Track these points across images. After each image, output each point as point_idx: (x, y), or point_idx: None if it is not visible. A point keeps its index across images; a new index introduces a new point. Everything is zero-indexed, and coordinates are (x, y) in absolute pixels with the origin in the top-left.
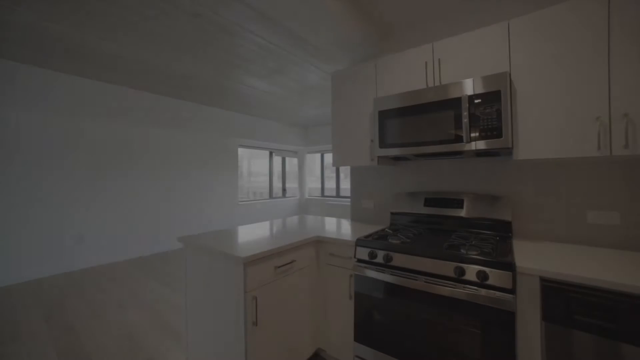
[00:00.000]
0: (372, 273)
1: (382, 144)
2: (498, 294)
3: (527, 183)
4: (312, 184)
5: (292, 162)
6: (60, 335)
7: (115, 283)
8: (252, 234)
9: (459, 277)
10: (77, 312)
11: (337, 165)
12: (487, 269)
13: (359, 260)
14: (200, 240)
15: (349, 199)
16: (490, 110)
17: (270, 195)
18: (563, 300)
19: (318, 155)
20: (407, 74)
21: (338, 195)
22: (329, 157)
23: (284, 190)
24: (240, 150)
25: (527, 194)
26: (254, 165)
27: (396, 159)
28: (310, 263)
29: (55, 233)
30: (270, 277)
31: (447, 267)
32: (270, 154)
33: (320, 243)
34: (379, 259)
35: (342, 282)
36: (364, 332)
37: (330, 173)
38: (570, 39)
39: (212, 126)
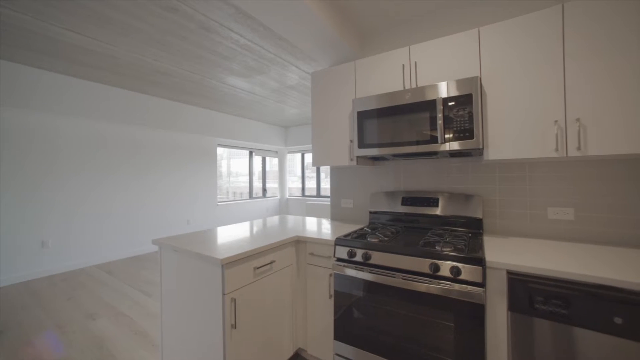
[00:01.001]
0: (351, 272)
1: (361, 144)
2: (469, 288)
3: (496, 182)
4: (293, 183)
5: (272, 162)
6: (14, 353)
7: (84, 290)
8: (231, 235)
9: (434, 273)
10: (38, 324)
11: (316, 165)
12: (459, 265)
13: (339, 260)
14: (176, 242)
15: (329, 199)
16: (463, 113)
17: (251, 196)
18: (525, 291)
19: (299, 155)
20: (385, 76)
21: (319, 195)
22: (309, 157)
23: (264, 190)
24: (220, 150)
25: (496, 192)
26: (234, 165)
27: (375, 159)
28: (290, 263)
29: (14, 238)
30: (250, 278)
31: (422, 264)
32: (251, 153)
33: (300, 243)
34: (358, 257)
35: (321, 281)
36: (344, 330)
37: (311, 173)
38: (532, 48)
39: (190, 125)
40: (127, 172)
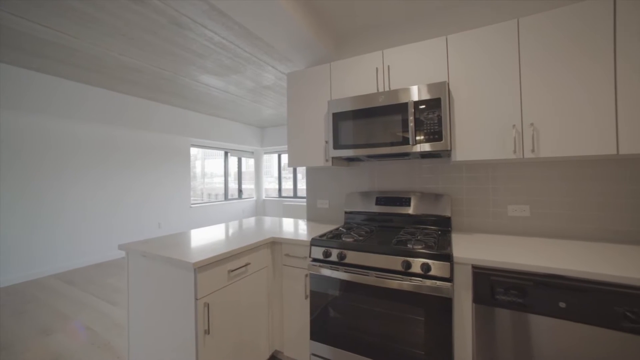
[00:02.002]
0: (326, 271)
1: (336, 145)
2: (439, 283)
3: (463, 182)
4: (270, 184)
5: (248, 163)
6: None
7: (38, 304)
8: (205, 238)
9: (406, 270)
10: None
11: (292, 165)
12: (429, 261)
13: (314, 260)
14: (145, 247)
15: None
16: (433, 116)
17: (226, 197)
18: (488, 283)
19: (275, 156)
20: (359, 78)
21: (296, 196)
22: (286, 158)
23: (240, 191)
24: (194, 150)
25: (463, 192)
26: (209, 166)
27: (350, 159)
28: (265, 265)
29: None
30: (224, 282)
31: (395, 262)
32: (226, 154)
33: (275, 244)
34: (333, 257)
35: (297, 282)
36: (320, 329)
37: (287, 174)
38: (493, 57)
39: (162, 124)
40: (91, 174)
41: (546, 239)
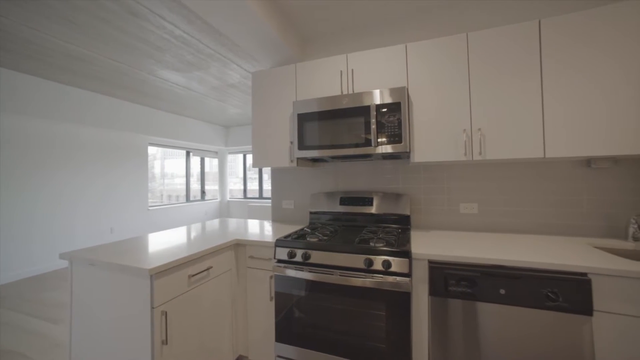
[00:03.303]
0: (291, 272)
1: (301, 145)
2: (399, 278)
3: (422, 182)
4: (235, 185)
5: (212, 163)
6: None
7: None
8: (163, 242)
9: (368, 268)
10: None
11: (257, 166)
12: (390, 258)
13: (279, 261)
14: (92, 254)
15: None
16: (393, 119)
17: (188, 199)
18: (442, 276)
19: (241, 156)
20: (324, 80)
21: (261, 197)
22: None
23: (203, 192)
24: (153, 149)
25: (421, 191)
26: (169, 166)
27: (314, 160)
28: (229, 268)
29: None
30: (184, 288)
31: (358, 260)
32: (188, 153)
33: (239, 246)
34: (298, 257)
35: (262, 284)
36: (285, 331)
37: (253, 174)
38: (446, 66)
39: (116, 120)
40: (27, 174)
41: (492, 234)
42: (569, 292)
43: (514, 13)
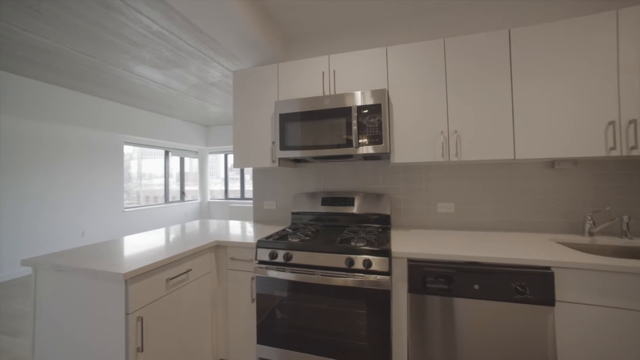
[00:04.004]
0: (273, 273)
1: (283, 146)
2: (379, 277)
3: (401, 182)
4: (216, 186)
5: (192, 163)
6: None
7: None
8: (140, 245)
9: (349, 267)
10: None
11: (238, 166)
12: (370, 257)
13: (260, 262)
14: (60, 260)
15: None
16: (374, 120)
17: (167, 200)
18: (420, 274)
19: (222, 156)
20: (306, 81)
21: (243, 198)
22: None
23: (182, 193)
24: (129, 149)
25: (401, 191)
26: (146, 166)
27: (296, 160)
28: (209, 270)
29: None
30: (162, 292)
31: (339, 260)
32: (167, 153)
33: (220, 248)
34: (280, 258)
35: (243, 286)
36: (267, 332)
37: (235, 175)
38: (425, 70)
39: (87, 118)
40: None
41: (468, 232)
42: (534, 285)
43: (489, 19)
